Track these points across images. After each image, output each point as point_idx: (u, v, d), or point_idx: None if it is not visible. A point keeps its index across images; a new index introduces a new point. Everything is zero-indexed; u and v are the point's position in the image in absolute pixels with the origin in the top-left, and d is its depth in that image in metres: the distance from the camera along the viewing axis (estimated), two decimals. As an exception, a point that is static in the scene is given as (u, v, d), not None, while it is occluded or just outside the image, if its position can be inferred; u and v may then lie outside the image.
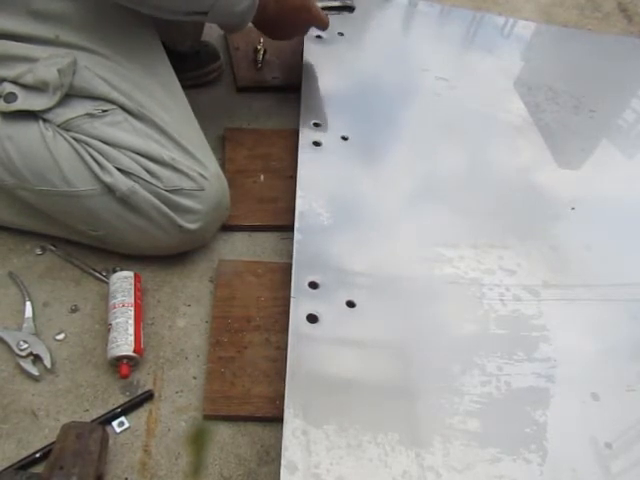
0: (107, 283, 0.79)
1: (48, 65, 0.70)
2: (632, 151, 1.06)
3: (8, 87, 0.72)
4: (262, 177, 0.96)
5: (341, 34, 1.17)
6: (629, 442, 0.66)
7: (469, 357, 0.71)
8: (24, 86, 0.72)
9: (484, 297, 0.77)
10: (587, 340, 0.75)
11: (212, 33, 1.21)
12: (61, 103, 0.72)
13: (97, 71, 0.73)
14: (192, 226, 0.77)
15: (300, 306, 0.73)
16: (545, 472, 0.62)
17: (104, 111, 0.73)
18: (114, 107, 0.74)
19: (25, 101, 0.72)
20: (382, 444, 0.62)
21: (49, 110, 0.72)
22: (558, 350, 0.73)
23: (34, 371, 0.71)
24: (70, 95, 0.72)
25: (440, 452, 0.62)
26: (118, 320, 0.73)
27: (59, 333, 0.76)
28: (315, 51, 1.10)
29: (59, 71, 0.69)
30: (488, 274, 0.80)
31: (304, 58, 1.09)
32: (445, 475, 0.61)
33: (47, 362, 0.71)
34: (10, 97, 0.72)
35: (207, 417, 0.70)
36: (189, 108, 0.84)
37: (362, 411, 0.65)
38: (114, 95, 0.74)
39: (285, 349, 0.69)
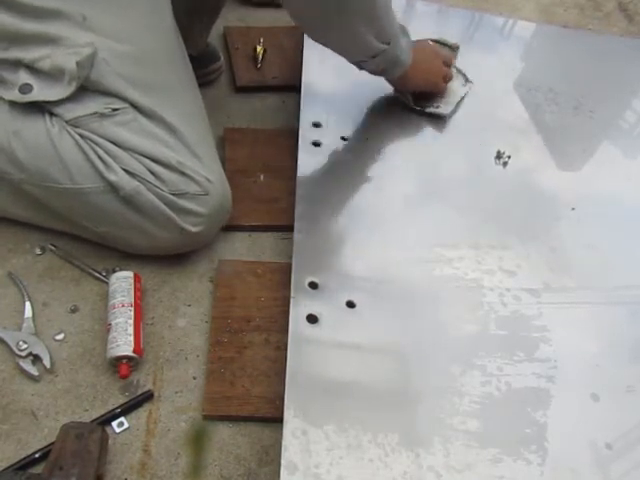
0: (107, 283, 0.79)
1: (67, 54, 0.68)
2: (632, 151, 1.06)
3: (23, 77, 0.71)
4: (262, 177, 0.96)
5: (341, 34, 1.16)
6: (629, 443, 0.66)
7: (469, 358, 0.71)
8: (39, 75, 0.70)
9: (484, 298, 0.77)
10: (587, 341, 0.75)
11: (212, 33, 1.20)
12: (73, 97, 0.71)
13: (116, 65, 0.71)
14: (194, 229, 0.77)
15: (300, 306, 0.73)
16: (545, 472, 0.62)
17: (114, 110, 0.72)
18: (125, 105, 0.72)
19: (40, 92, 0.70)
20: (382, 444, 0.62)
21: (61, 103, 0.71)
22: (558, 351, 0.73)
23: (33, 371, 0.71)
24: (83, 88, 0.71)
25: (440, 452, 0.62)
26: (118, 320, 0.73)
27: (58, 333, 0.76)
28: (315, 51, 1.10)
29: (77, 64, 0.68)
30: (488, 275, 0.80)
31: (304, 58, 1.09)
32: (445, 475, 0.61)
33: (46, 362, 0.71)
34: (25, 88, 0.71)
35: (207, 417, 0.70)
36: (204, 110, 0.83)
37: (362, 411, 0.65)
38: (128, 93, 0.72)
39: (285, 349, 0.69)
